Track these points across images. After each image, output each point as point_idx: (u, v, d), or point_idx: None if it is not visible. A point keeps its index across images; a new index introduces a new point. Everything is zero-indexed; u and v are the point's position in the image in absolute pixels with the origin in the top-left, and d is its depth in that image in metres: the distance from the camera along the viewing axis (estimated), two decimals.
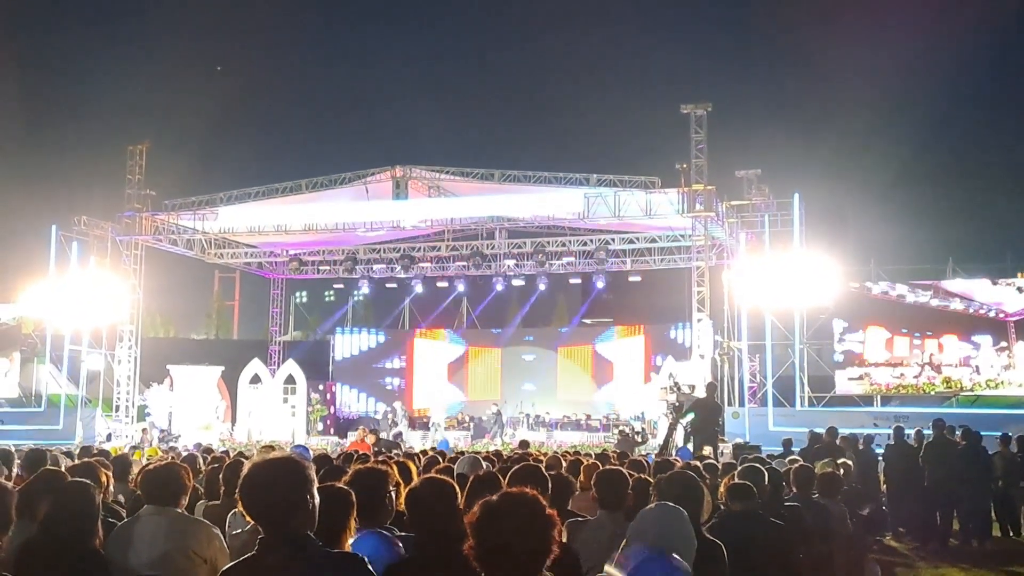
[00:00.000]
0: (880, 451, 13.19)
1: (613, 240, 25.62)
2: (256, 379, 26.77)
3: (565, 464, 7.84)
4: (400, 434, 24.28)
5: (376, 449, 14.89)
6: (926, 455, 12.25)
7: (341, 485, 3.65)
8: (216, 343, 44.45)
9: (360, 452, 11.75)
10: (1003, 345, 21.33)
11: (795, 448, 13.15)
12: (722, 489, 5.64)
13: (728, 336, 22.31)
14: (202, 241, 26.26)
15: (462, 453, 11.80)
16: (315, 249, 28.28)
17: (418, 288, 29.10)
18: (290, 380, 26.99)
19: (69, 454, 9.79)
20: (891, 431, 13.01)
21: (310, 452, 10.04)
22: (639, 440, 21.21)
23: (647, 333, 29.34)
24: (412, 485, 3.98)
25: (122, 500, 6.05)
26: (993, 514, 12.39)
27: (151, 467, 4.79)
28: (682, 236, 24.18)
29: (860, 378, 22.09)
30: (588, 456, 10.43)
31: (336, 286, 34.38)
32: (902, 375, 21.89)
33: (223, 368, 26.61)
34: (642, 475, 6.13)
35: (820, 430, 13.41)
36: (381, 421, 25.92)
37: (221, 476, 5.87)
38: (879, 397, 21.89)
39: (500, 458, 9.40)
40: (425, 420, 28.02)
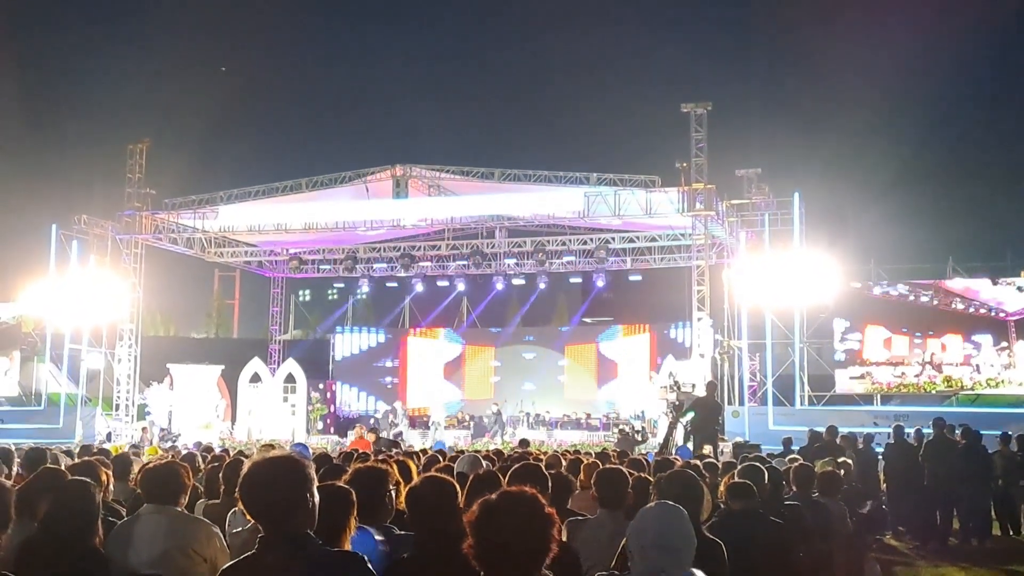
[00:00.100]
0: (880, 450, 13.17)
1: (613, 239, 25.62)
2: (256, 378, 26.78)
3: (565, 463, 7.84)
4: (400, 433, 24.29)
5: (376, 448, 14.88)
6: (926, 454, 12.25)
7: (342, 484, 3.65)
8: (216, 342, 44.44)
9: (360, 451, 11.74)
10: (1003, 345, 21.35)
11: (795, 447, 13.16)
12: (722, 488, 5.64)
13: (728, 335, 22.32)
14: (202, 240, 26.27)
15: (462, 452, 11.80)
16: (315, 248, 28.28)
17: (418, 287, 29.13)
18: (290, 379, 27.00)
19: (69, 453, 9.79)
20: (891, 430, 13.00)
21: (310, 450, 10.05)
22: (639, 439, 21.22)
23: (652, 331, 29.32)
24: (413, 484, 3.98)
25: (122, 499, 6.05)
26: (993, 513, 12.39)
27: (151, 466, 4.79)
28: (682, 235, 24.18)
29: (862, 377, 22.13)
30: (588, 455, 10.42)
31: (337, 285, 34.35)
32: (903, 374, 21.92)
33: (223, 367, 26.62)
34: (642, 474, 6.13)
35: (820, 429, 13.40)
36: (381, 420, 25.92)
37: (221, 475, 5.87)
38: (879, 396, 21.91)
39: (500, 457, 9.40)
40: (425, 419, 28.02)
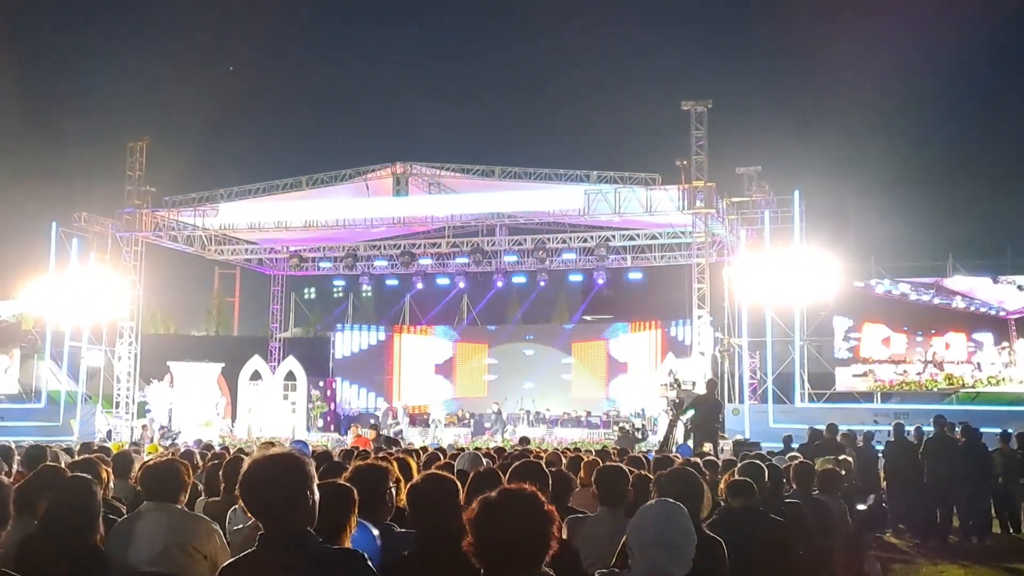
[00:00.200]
0: (880, 448, 13.17)
1: (613, 237, 25.59)
2: (256, 376, 26.79)
3: (565, 461, 7.85)
4: (400, 431, 24.31)
5: (376, 445, 14.88)
6: (926, 452, 12.25)
7: (343, 482, 3.64)
8: (216, 340, 44.42)
9: (360, 448, 11.74)
10: (1004, 345, 21.39)
11: (795, 445, 13.16)
12: (722, 486, 5.63)
13: (728, 333, 22.30)
14: (202, 237, 26.28)
15: (462, 450, 11.79)
16: (315, 245, 28.28)
17: (419, 285, 29.13)
18: (290, 377, 27.01)
19: (69, 451, 9.78)
20: (891, 428, 13.00)
21: (309, 448, 10.03)
22: (639, 437, 21.23)
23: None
24: (414, 481, 3.98)
25: (122, 497, 6.05)
26: (993, 511, 12.39)
27: (151, 463, 4.78)
28: (682, 233, 24.17)
29: (864, 375, 22.18)
30: (588, 453, 10.42)
31: (338, 283, 34.30)
32: (905, 372, 21.97)
33: (223, 365, 26.63)
34: (642, 472, 6.13)
35: (820, 427, 13.40)
36: (381, 418, 25.93)
37: (221, 472, 5.87)
38: (879, 393, 21.92)
39: (501, 454, 9.39)
40: (425, 417, 28.03)
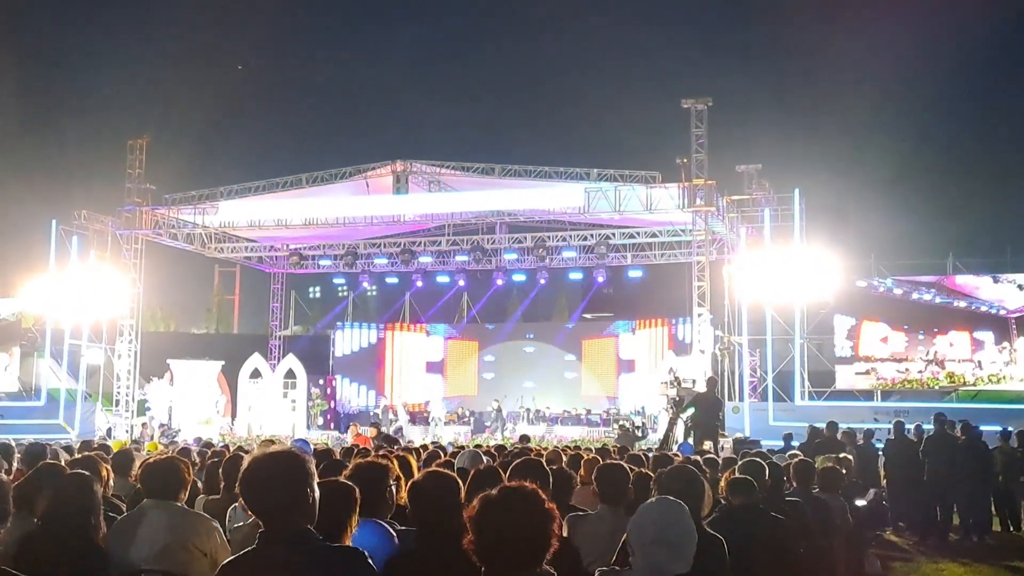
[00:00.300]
0: (880, 446, 13.17)
1: (613, 235, 25.59)
2: (256, 374, 26.79)
3: (565, 459, 7.84)
4: (400, 429, 24.32)
5: (376, 443, 14.88)
6: (926, 450, 12.25)
7: (345, 480, 3.64)
8: (216, 338, 44.32)
9: (360, 446, 11.73)
10: (1004, 344, 21.44)
11: (795, 443, 13.15)
12: (723, 484, 5.62)
13: (728, 331, 22.29)
14: (202, 235, 26.28)
15: (462, 447, 11.79)
16: (315, 243, 28.27)
17: (418, 283, 29.13)
18: (290, 375, 27.00)
19: (69, 448, 9.77)
20: (891, 426, 13.00)
21: (310, 446, 10.02)
22: (639, 435, 21.23)
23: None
24: (416, 478, 3.97)
25: (122, 495, 6.04)
26: (993, 509, 12.39)
27: (151, 461, 4.77)
28: (682, 231, 24.18)
29: (867, 373, 22.24)
30: (588, 451, 10.42)
31: (337, 280, 34.28)
32: (907, 370, 22.03)
33: (223, 363, 26.64)
34: (642, 470, 6.12)
35: (820, 425, 13.40)
36: (380, 415, 25.94)
37: (221, 470, 5.86)
38: (879, 392, 21.95)
39: (501, 452, 9.39)
40: (424, 415, 28.03)
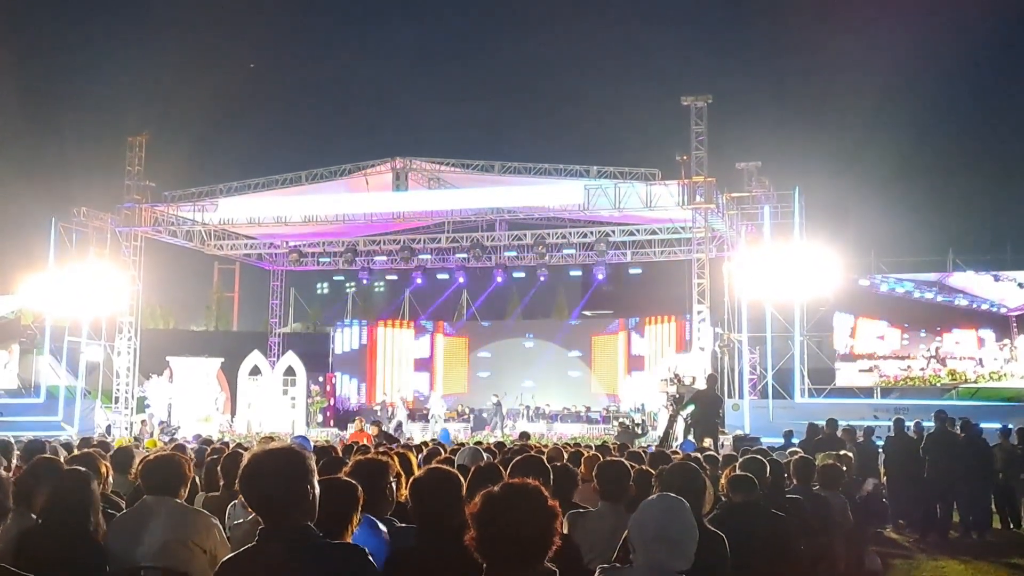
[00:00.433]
0: (880, 443, 13.17)
1: (613, 232, 25.57)
2: (256, 371, 26.76)
3: (566, 456, 7.83)
4: (400, 425, 24.31)
5: (377, 440, 14.88)
6: (926, 447, 12.25)
7: (347, 478, 3.63)
8: (216, 335, 44.31)
9: (360, 443, 11.73)
10: (1004, 342, 21.48)
11: (795, 440, 13.15)
12: (723, 481, 5.62)
13: (728, 328, 22.28)
14: (202, 232, 26.25)
15: (462, 444, 11.79)
16: (315, 241, 28.26)
17: (418, 280, 29.09)
18: (290, 372, 26.97)
19: (67, 446, 9.77)
20: (891, 423, 13.00)
21: (310, 443, 10.02)
22: (639, 432, 21.24)
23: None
24: (417, 475, 3.96)
25: (121, 492, 6.03)
26: (993, 506, 12.40)
27: (151, 458, 4.77)
28: (682, 228, 24.16)
29: (870, 370, 22.28)
30: (588, 448, 10.41)
31: (337, 278, 34.33)
32: (909, 367, 22.07)
33: (223, 360, 26.62)
34: (642, 467, 6.12)
35: (820, 422, 13.39)
36: (380, 412, 25.93)
37: (220, 467, 5.85)
38: (879, 389, 21.96)
39: (501, 449, 9.39)
40: (424, 412, 28.03)
